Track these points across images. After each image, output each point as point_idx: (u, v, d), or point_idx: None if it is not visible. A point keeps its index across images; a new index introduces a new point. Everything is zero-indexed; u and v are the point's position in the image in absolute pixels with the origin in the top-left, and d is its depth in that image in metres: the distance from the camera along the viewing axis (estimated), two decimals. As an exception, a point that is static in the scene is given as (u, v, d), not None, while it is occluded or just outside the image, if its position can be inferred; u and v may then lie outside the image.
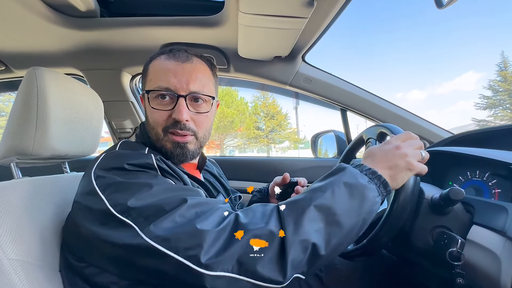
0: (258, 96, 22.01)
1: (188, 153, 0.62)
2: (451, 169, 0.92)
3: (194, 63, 0.61)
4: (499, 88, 21.10)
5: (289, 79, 1.07)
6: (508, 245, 0.53)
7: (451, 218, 0.65)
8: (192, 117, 0.61)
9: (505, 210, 0.57)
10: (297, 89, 1.11)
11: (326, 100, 1.18)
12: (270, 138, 23.09)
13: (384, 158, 0.52)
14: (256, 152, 23.80)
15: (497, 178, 0.74)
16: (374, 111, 1.19)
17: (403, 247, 0.74)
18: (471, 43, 48.32)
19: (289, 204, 0.46)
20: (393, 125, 0.70)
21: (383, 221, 0.59)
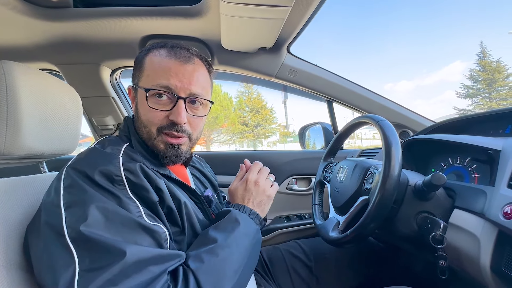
0: (242, 91, 21.90)
1: (181, 154, 0.59)
2: (434, 156, 0.95)
3: (196, 64, 0.59)
4: (478, 77, 22.08)
5: (275, 71, 1.06)
6: (487, 227, 0.55)
7: (434, 203, 0.68)
8: (189, 119, 0.59)
9: (484, 193, 0.59)
10: (283, 81, 1.10)
11: (312, 92, 1.18)
12: (256, 133, 23.13)
13: (252, 197, 0.63)
14: (247, 147, 23.79)
15: (476, 163, 0.77)
16: (360, 102, 1.21)
17: (389, 233, 0.76)
18: (458, 33, 50.00)
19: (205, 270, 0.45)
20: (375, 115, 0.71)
21: (370, 209, 0.60)
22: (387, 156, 0.60)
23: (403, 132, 1.25)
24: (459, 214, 0.64)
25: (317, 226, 0.83)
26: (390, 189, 0.58)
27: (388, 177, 0.58)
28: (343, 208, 0.75)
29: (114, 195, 0.44)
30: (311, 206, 0.93)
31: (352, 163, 0.79)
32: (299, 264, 0.85)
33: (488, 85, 22.00)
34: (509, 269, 0.49)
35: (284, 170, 1.23)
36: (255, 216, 0.60)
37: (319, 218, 0.87)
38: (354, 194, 0.72)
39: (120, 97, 1.24)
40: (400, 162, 0.59)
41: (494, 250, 0.52)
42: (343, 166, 0.83)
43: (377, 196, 0.58)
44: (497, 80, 21.74)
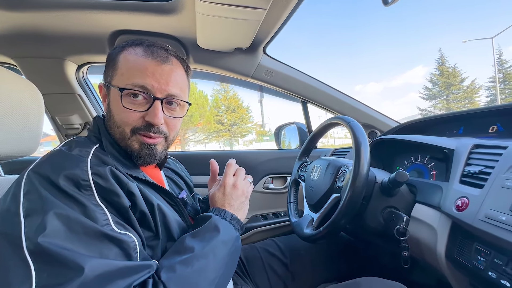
0: (218, 90, 21.67)
1: (156, 154, 0.58)
2: (398, 155, 1.03)
3: (174, 64, 0.57)
4: (437, 81, 24.18)
5: (251, 71, 1.07)
6: (442, 219, 0.61)
7: (398, 199, 0.73)
8: (166, 120, 0.57)
9: (440, 188, 0.65)
10: (259, 82, 1.12)
11: (287, 93, 1.21)
12: (232, 132, 23.03)
13: (233, 200, 0.62)
14: (223, 146, 23.54)
15: (434, 161, 0.85)
16: (333, 103, 1.27)
17: (359, 227, 0.81)
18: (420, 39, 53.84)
19: (177, 282, 0.44)
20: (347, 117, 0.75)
21: (341, 206, 0.63)
22: (357, 155, 0.63)
23: (372, 132, 1.32)
24: (419, 208, 0.70)
25: (292, 224, 0.85)
26: (360, 186, 0.61)
27: (358, 175, 0.62)
28: (317, 206, 0.78)
29: (79, 202, 0.42)
30: (287, 204, 0.96)
31: (325, 162, 0.82)
32: (276, 261, 0.87)
33: (446, 88, 24.15)
34: (460, 256, 0.54)
35: (260, 169, 1.25)
36: (236, 221, 0.59)
37: (294, 216, 0.90)
38: (327, 192, 0.75)
39: (88, 95, 1.17)
40: (369, 161, 0.63)
41: (448, 240, 0.58)
42: (316, 165, 0.86)
43: (348, 193, 0.62)
44: (453, 83, 23.94)
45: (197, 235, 0.52)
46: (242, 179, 0.67)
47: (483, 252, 0.49)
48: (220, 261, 0.50)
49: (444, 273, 0.60)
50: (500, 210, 0.46)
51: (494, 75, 23.69)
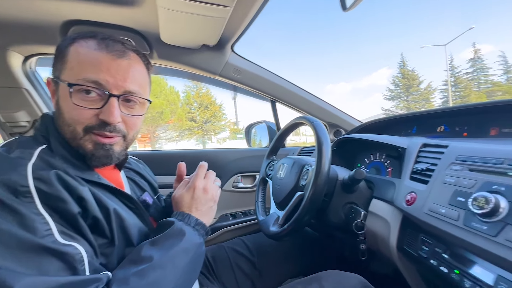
0: (190, 86, 21.10)
1: (113, 155, 0.54)
2: (360, 153, 1.08)
3: (132, 59, 0.54)
4: (399, 83, 26.16)
5: (219, 69, 1.05)
6: (395, 213, 0.66)
7: (358, 195, 0.78)
8: (124, 118, 0.53)
9: (394, 184, 0.70)
10: (227, 80, 1.10)
11: (256, 92, 1.21)
12: (205, 130, 22.63)
13: (201, 204, 0.60)
14: (195, 143, 22.98)
15: (390, 159, 0.91)
16: (300, 103, 1.30)
17: (322, 223, 0.84)
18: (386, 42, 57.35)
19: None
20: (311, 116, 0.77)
21: (304, 203, 0.65)
22: (319, 154, 0.66)
23: (337, 131, 1.38)
24: (376, 203, 0.75)
25: (259, 222, 0.86)
26: (321, 184, 0.63)
27: (319, 173, 0.64)
28: (283, 204, 0.80)
29: (15, 212, 0.37)
30: (255, 202, 0.96)
31: (291, 161, 0.84)
32: (243, 260, 0.87)
33: (406, 90, 26.20)
34: (408, 246, 0.59)
35: (230, 168, 1.24)
36: (201, 226, 0.57)
37: (261, 214, 0.91)
38: (292, 190, 0.77)
39: (37, 89, 1.06)
40: (329, 160, 0.65)
41: (399, 232, 0.63)
42: (282, 164, 0.88)
43: (310, 191, 0.64)
44: (412, 86, 26.04)
45: (156, 243, 0.49)
46: (212, 182, 0.65)
47: (426, 242, 0.54)
48: (179, 271, 0.48)
49: (396, 263, 0.65)
50: (440, 204, 0.50)
51: (447, 79, 26.19)
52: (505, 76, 26.37)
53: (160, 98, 18.24)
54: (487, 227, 0.40)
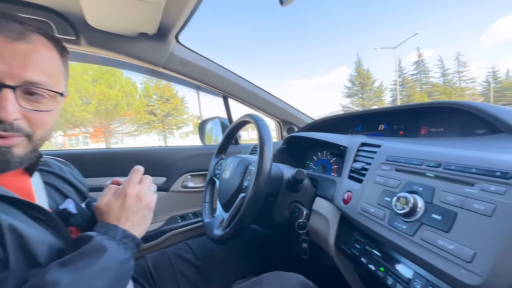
0: (149, 77, 19.85)
1: (12, 159, 0.45)
2: (309, 151, 1.10)
3: (34, 43, 0.44)
4: (355, 81, 28.09)
5: (162, 61, 0.96)
6: (334, 211, 0.67)
7: (302, 193, 0.78)
8: (26, 115, 0.44)
9: (335, 182, 0.72)
10: (172, 72, 1.02)
11: (206, 87, 1.15)
12: (166, 124, 21.57)
13: (133, 214, 0.53)
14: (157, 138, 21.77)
15: (335, 157, 0.93)
16: (253, 99, 1.27)
17: (268, 223, 0.83)
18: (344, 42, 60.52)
19: None
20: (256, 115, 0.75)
21: (245, 205, 0.62)
22: (261, 154, 0.63)
23: (290, 128, 1.39)
24: (319, 201, 0.76)
25: (204, 224, 0.82)
26: (262, 185, 0.61)
27: (260, 173, 0.62)
28: (228, 205, 0.77)
29: None
30: (202, 204, 0.92)
31: (237, 160, 0.81)
32: (187, 266, 0.82)
33: (361, 88, 28.24)
34: (344, 244, 0.60)
35: (179, 167, 1.17)
36: (130, 239, 0.50)
37: (207, 216, 0.87)
38: (236, 191, 0.74)
39: None
40: (271, 159, 0.63)
41: (337, 230, 0.64)
42: (229, 163, 0.84)
43: (251, 192, 0.61)
44: (367, 84, 28.15)
45: (67, 263, 0.42)
46: (147, 188, 0.58)
47: (359, 241, 0.55)
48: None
49: (335, 260, 0.67)
50: (370, 203, 0.52)
51: (396, 79, 28.82)
52: (442, 78, 29.99)
53: (114, 89, 16.80)
54: (406, 227, 0.42)
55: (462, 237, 0.34)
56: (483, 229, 0.32)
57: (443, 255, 0.35)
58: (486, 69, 32.02)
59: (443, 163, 0.42)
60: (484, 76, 31.81)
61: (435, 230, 0.37)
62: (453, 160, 0.41)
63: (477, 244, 0.32)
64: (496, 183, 0.34)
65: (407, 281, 0.41)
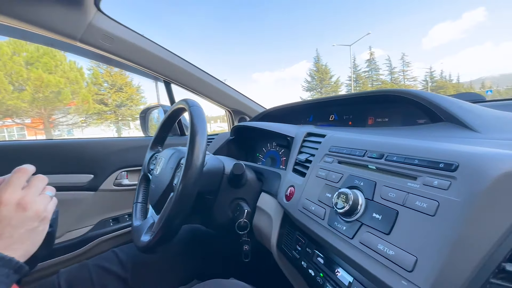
0: (98, 63, 17.92)
1: None
2: (259, 142, 1.03)
3: None
4: (314, 76, 29.24)
5: (78, 33, 0.78)
6: (278, 208, 0.60)
7: (247, 189, 0.70)
8: None
9: (279, 176, 0.65)
10: (94, 48, 0.83)
11: (143, 69, 0.99)
12: (120, 114, 19.84)
13: (11, 228, 0.41)
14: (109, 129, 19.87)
15: (283, 148, 0.88)
16: (200, 86, 1.15)
17: (209, 224, 0.74)
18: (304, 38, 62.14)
19: None
20: (192, 100, 0.64)
21: (172, 206, 0.52)
22: (191, 145, 0.53)
23: (241, 118, 1.31)
24: (263, 197, 0.69)
25: (132, 229, 0.70)
26: (191, 181, 0.51)
27: (190, 168, 0.52)
28: (159, 206, 0.65)
29: None
30: (133, 204, 0.78)
31: (170, 152, 0.70)
32: (111, 279, 0.69)
33: (320, 82, 29.53)
34: (286, 246, 0.54)
35: (111, 162, 1.00)
36: (2, 264, 0.37)
37: (138, 219, 0.74)
38: (166, 189, 0.63)
39: None
40: (204, 151, 0.54)
41: (279, 230, 0.58)
42: (161, 156, 0.72)
43: (178, 189, 0.51)
44: (325, 79, 29.53)
45: None
46: (36, 193, 0.45)
47: (300, 242, 0.49)
48: None
49: (278, 263, 0.61)
50: (312, 200, 0.46)
51: (351, 75, 30.74)
52: (389, 76, 32.89)
53: (56, 75, 14.74)
54: (346, 228, 0.36)
55: (404, 240, 0.29)
56: (425, 231, 0.27)
57: (383, 262, 0.29)
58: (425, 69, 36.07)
59: (386, 153, 0.37)
60: (423, 75, 35.85)
61: (375, 232, 0.32)
62: (395, 151, 0.36)
63: (419, 250, 0.27)
64: (439, 176, 0.29)
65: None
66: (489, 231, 0.24)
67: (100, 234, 0.95)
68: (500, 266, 0.24)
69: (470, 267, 0.24)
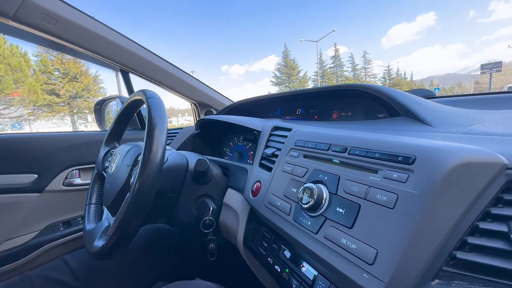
0: (47, 48, 16.05)
1: None
2: (226, 136, 1.00)
3: None
4: (283, 70, 29.64)
5: (11, 10, 0.66)
6: (244, 204, 0.59)
7: (212, 185, 0.67)
8: None
9: (246, 171, 0.63)
10: (32, 29, 0.72)
11: (96, 56, 0.89)
12: (75, 107, 18.09)
13: None
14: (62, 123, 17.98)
15: (250, 143, 0.86)
16: (162, 77, 1.07)
17: (173, 223, 0.70)
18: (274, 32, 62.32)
19: None
20: (151, 91, 0.59)
21: (128, 206, 0.47)
22: (148, 140, 0.49)
23: (208, 111, 1.26)
24: (230, 193, 0.67)
25: (84, 233, 0.63)
26: (149, 180, 0.47)
27: (148, 165, 0.47)
28: (114, 208, 0.59)
29: None
30: (85, 206, 0.71)
31: (127, 148, 0.64)
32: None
33: (288, 77, 30.07)
34: (252, 242, 0.53)
35: (59, 159, 0.89)
36: None
37: (92, 222, 0.67)
38: (122, 189, 0.57)
39: None
40: (163, 146, 0.50)
41: (246, 226, 0.56)
42: (117, 153, 0.66)
43: (134, 188, 0.47)
44: (293, 74, 30.12)
45: None
46: None
47: (266, 238, 0.49)
48: None
49: (245, 260, 0.59)
50: (277, 195, 0.45)
51: (317, 71, 31.77)
52: (352, 73, 34.72)
53: (-5, 61, 12.87)
54: (310, 223, 0.36)
55: (365, 234, 0.29)
56: (385, 224, 0.27)
57: (346, 256, 0.29)
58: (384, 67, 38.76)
59: (349, 147, 0.37)
60: (382, 73, 38.50)
61: (339, 226, 0.32)
62: (358, 144, 0.36)
63: (380, 243, 0.27)
64: (398, 169, 0.29)
65: (310, 284, 0.36)
66: (442, 221, 0.25)
67: (48, 241, 0.85)
68: (451, 254, 0.25)
69: (426, 257, 0.25)
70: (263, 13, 65.59)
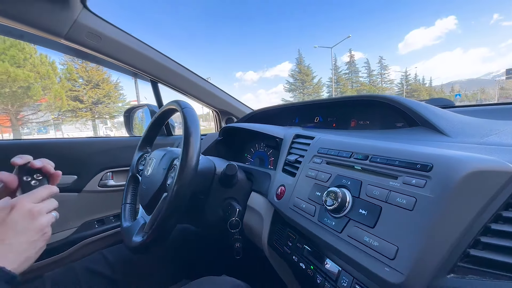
0: (72, 57, 17.01)
1: None
2: (248, 143, 1.05)
3: None
4: (297, 77, 29.70)
5: (63, 30, 0.76)
6: (268, 207, 0.63)
7: (237, 189, 0.72)
8: None
9: (269, 176, 0.68)
10: (79, 46, 0.82)
11: (129, 68, 0.98)
12: (96, 112, 18.95)
13: (13, 234, 0.40)
14: (85, 127, 18.87)
15: (271, 149, 0.91)
16: (187, 86, 1.15)
17: (200, 223, 0.75)
18: (288, 39, 62.93)
19: None
20: (184, 101, 0.65)
21: (167, 205, 0.53)
22: (185, 146, 0.54)
23: (229, 119, 1.32)
24: (254, 196, 0.71)
25: (122, 230, 0.69)
26: (186, 182, 0.53)
27: (185, 168, 0.53)
28: (150, 207, 0.65)
29: None
30: (121, 206, 0.78)
31: (162, 153, 0.70)
32: (101, 281, 0.68)
33: (302, 83, 30.06)
34: (277, 242, 0.57)
35: (95, 162, 0.98)
36: None
37: (127, 220, 0.74)
38: (159, 190, 0.63)
39: None
40: (198, 152, 0.55)
41: (270, 227, 0.60)
42: (152, 157, 0.72)
43: (173, 190, 0.52)
44: (307, 80, 30.09)
45: None
46: (47, 210, 0.45)
47: (291, 238, 0.53)
48: None
49: (269, 259, 0.63)
50: (302, 198, 0.49)
51: (332, 77, 31.58)
52: (368, 79, 34.19)
53: (24, 69, 13.79)
54: (335, 223, 0.39)
55: (386, 233, 0.32)
56: (405, 224, 0.31)
57: (369, 252, 0.33)
58: (401, 73, 37.90)
59: (370, 155, 0.41)
60: (399, 78, 37.63)
61: (362, 226, 0.36)
62: (379, 153, 0.40)
63: (400, 240, 0.31)
64: (416, 175, 0.33)
65: (335, 279, 0.40)
66: (457, 222, 0.28)
67: (85, 236, 0.93)
68: (465, 252, 0.28)
69: (442, 253, 0.28)
70: (277, 20, 66.44)
